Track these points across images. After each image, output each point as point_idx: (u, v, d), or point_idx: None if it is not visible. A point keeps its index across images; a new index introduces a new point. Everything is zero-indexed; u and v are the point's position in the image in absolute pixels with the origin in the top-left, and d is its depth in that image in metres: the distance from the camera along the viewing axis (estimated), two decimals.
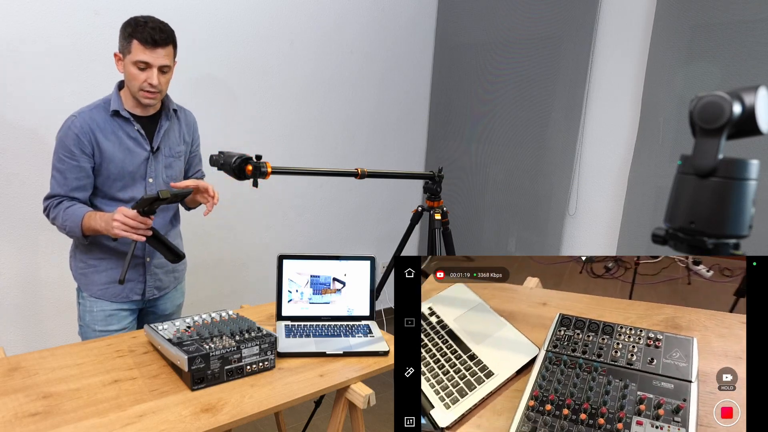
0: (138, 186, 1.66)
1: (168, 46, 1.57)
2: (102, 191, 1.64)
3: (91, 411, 1.18)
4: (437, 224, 1.99)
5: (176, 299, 1.89)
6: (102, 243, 1.67)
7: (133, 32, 1.54)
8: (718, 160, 0.61)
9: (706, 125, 0.62)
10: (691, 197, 0.64)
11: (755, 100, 0.60)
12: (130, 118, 1.62)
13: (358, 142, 3.33)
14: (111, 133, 1.60)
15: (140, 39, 1.52)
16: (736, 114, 0.60)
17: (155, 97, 1.59)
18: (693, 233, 0.63)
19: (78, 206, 1.58)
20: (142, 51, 1.53)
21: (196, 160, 1.89)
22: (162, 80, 1.58)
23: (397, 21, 3.33)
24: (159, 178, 1.70)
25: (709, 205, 0.62)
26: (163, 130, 1.68)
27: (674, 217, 0.65)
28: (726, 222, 0.62)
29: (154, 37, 1.52)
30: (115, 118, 1.61)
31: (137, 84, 1.56)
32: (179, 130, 1.76)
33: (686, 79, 2.39)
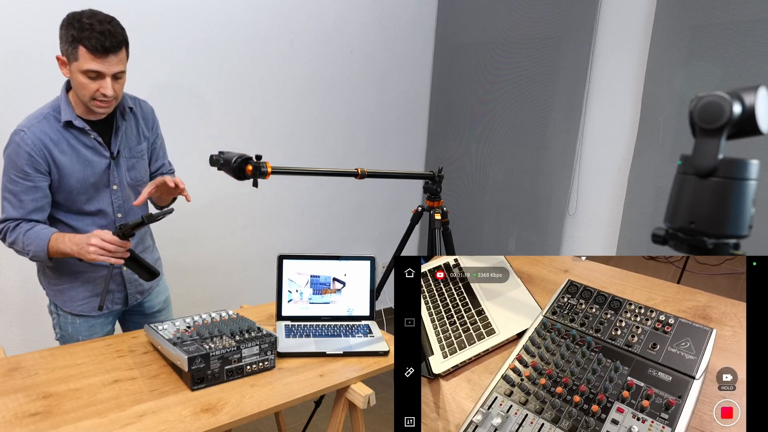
0: (103, 195, 1.56)
1: (120, 50, 1.40)
2: (66, 206, 1.53)
3: (91, 411, 1.18)
4: (437, 224, 1.99)
5: (161, 294, 1.83)
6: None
7: (78, 37, 1.35)
8: (718, 160, 0.61)
9: (706, 125, 0.62)
10: (691, 197, 0.64)
11: (755, 100, 0.60)
12: (85, 127, 1.48)
13: (358, 142, 3.33)
14: (66, 146, 1.47)
15: (88, 46, 1.35)
16: (736, 114, 0.60)
17: (110, 105, 1.46)
18: (693, 233, 0.63)
19: (40, 228, 1.46)
20: (91, 59, 1.36)
21: (160, 152, 1.75)
22: (116, 87, 1.43)
23: (397, 21, 3.33)
24: (123, 183, 1.59)
25: (709, 205, 0.62)
26: (120, 133, 1.56)
27: (674, 217, 0.65)
28: (726, 222, 0.62)
29: (104, 44, 1.34)
30: (69, 129, 1.47)
31: (88, 93, 1.41)
32: (137, 127, 1.62)
33: (686, 79, 2.39)
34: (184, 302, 2.70)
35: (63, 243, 1.43)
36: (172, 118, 2.50)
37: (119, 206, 1.60)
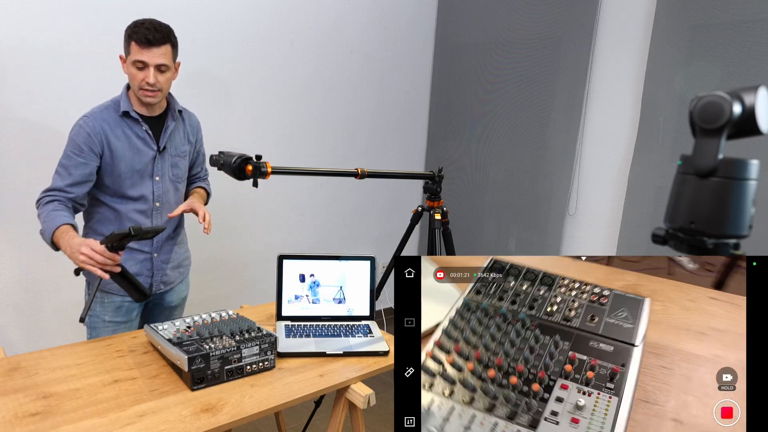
0: (146, 184, 1.70)
1: (164, 45, 1.59)
2: (112, 189, 1.67)
3: (91, 411, 1.18)
4: (437, 224, 1.99)
5: (182, 292, 1.94)
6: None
7: (131, 34, 1.58)
8: (718, 160, 0.61)
9: (706, 125, 0.62)
10: (691, 197, 0.64)
11: (755, 100, 0.60)
12: (138, 118, 1.66)
13: (358, 142, 3.33)
14: (121, 133, 1.65)
15: (136, 39, 1.56)
16: (736, 114, 0.60)
17: (155, 96, 1.62)
18: (693, 233, 0.63)
19: (62, 214, 1.56)
20: (138, 51, 1.57)
21: (200, 158, 1.95)
22: (160, 79, 1.60)
23: (397, 21, 3.33)
24: (165, 176, 1.74)
25: (709, 205, 0.62)
26: (169, 131, 1.72)
27: (674, 217, 0.65)
28: (726, 222, 0.62)
29: (148, 36, 1.56)
30: (125, 119, 1.65)
31: (136, 83, 1.60)
32: (184, 131, 1.80)
33: (686, 79, 2.39)
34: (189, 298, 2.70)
35: (63, 239, 1.50)
36: None
37: (159, 196, 1.73)
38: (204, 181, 2.00)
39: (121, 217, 1.69)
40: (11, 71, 2.11)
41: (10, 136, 2.15)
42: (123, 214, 1.69)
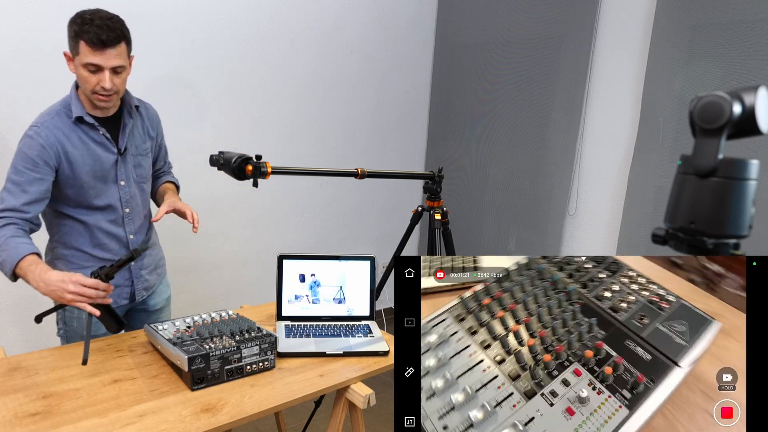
0: (111, 190, 1.59)
1: (119, 44, 1.43)
2: (76, 200, 1.55)
3: (91, 411, 1.18)
4: (437, 224, 1.99)
5: (163, 293, 1.85)
6: (83, 251, 1.60)
7: (79, 31, 1.40)
8: (718, 160, 0.61)
9: (706, 125, 0.62)
10: (691, 197, 0.64)
11: (755, 100, 0.60)
12: (94, 123, 1.53)
13: (358, 142, 3.33)
14: (77, 140, 1.51)
15: (87, 40, 1.39)
16: (736, 114, 0.60)
17: (110, 100, 1.50)
18: (693, 233, 0.63)
19: (23, 241, 1.40)
20: (90, 53, 1.40)
21: (162, 152, 1.83)
22: (116, 81, 1.46)
23: (397, 21, 3.33)
24: (130, 179, 1.63)
25: (709, 205, 0.62)
26: (127, 130, 1.60)
27: (674, 217, 0.65)
28: (726, 222, 0.62)
29: (101, 37, 1.38)
30: (80, 125, 1.52)
31: (89, 87, 1.46)
32: (143, 126, 1.67)
33: (686, 79, 2.39)
34: (185, 302, 2.70)
35: (32, 273, 1.35)
36: (173, 117, 2.49)
37: (127, 201, 1.63)
38: (169, 175, 1.89)
39: (92, 229, 1.58)
40: (13, 74, 2.11)
41: (10, 137, 2.14)
42: (93, 226, 1.58)
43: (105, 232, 1.60)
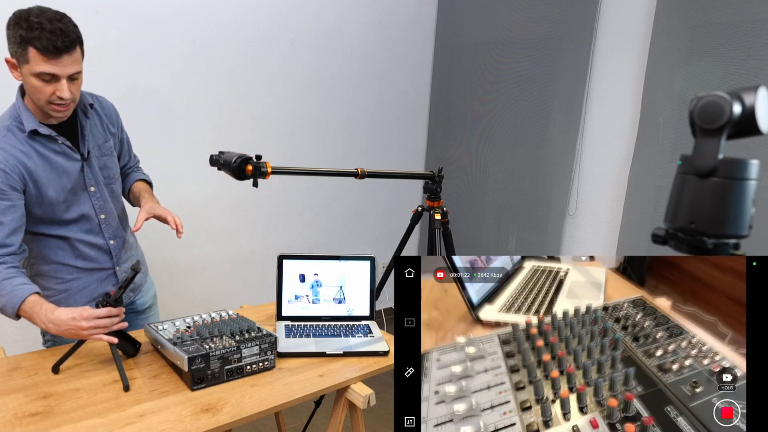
0: (82, 199, 1.50)
1: (74, 49, 1.30)
2: (48, 219, 1.46)
3: (91, 411, 1.18)
4: (437, 224, 1.99)
5: (149, 290, 1.80)
6: (65, 264, 1.52)
7: (27, 37, 1.25)
8: (718, 160, 0.61)
9: (706, 125, 0.62)
10: (691, 197, 0.64)
11: (755, 100, 0.60)
12: (51, 133, 1.40)
13: (358, 142, 3.33)
14: (37, 157, 1.39)
15: (39, 47, 1.25)
16: (736, 114, 0.60)
17: (68, 109, 1.37)
18: (693, 233, 0.63)
19: (20, 281, 1.33)
20: (44, 61, 1.26)
21: (126, 147, 1.69)
22: (73, 89, 1.34)
23: (397, 21, 3.33)
24: (100, 183, 1.53)
25: (709, 205, 0.62)
26: (86, 132, 1.48)
27: (674, 217, 0.65)
28: (726, 222, 0.62)
29: (55, 44, 1.25)
30: (35, 138, 1.39)
31: (44, 97, 1.32)
32: (102, 124, 1.55)
33: (686, 79, 2.39)
34: (184, 302, 2.70)
35: (37, 315, 1.30)
36: (173, 118, 2.50)
37: (100, 207, 1.55)
38: (139, 171, 1.77)
39: (71, 241, 1.50)
40: None
41: None
42: (72, 239, 1.50)
43: (84, 243, 1.53)
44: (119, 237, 1.63)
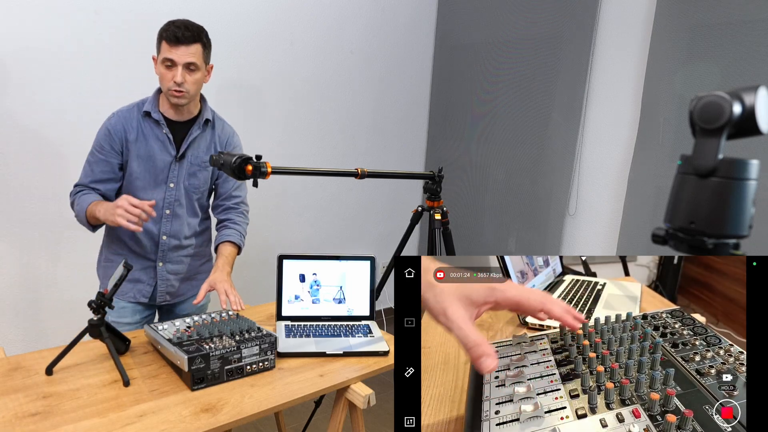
0: (159, 189, 1.68)
1: (193, 44, 1.57)
2: (125, 189, 1.67)
3: (91, 411, 1.18)
4: (437, 224, 1.99)
5: (200, 304, 1.71)
6: (120, 239, 1.71)
7: (162, 32, 1.58)
8: (718, 160, 0.61)
9: (706, 125, 0.61)
10: (691, 197, 0.63)
11: (755, 100, 0.60)
12: (160, 120, 1.64)
13: (358, 142, 3.33)
14: (140, 133, 1.64)
15: (166, 38, 1.56)
16: (736, 114, 0.60)
17: (182, 96, 1.60)
18: (693, 233, 0.63)
19: (89, 194, 1.62)
20: (167, 49, 1.56)
21: (228, 178, 1.77)
22: (188, 79, 1.58)
23: (397, 21, 3.33)
24: (181, 185, 1.70)
25: (709, 205, 0.62)
26: (191, 138, 1.69)
27: (674, 217, 0.65)
28: (726, 222, 0.62)
29: (177, 34, 1.54)
30: (146, 119, 1.65)
31: (166, 84, 1.59)
32: (211, 140, 1.75)
33: (686, 79, 2.39)
34: None
35: (98, 210, 1.55)
36: None
37: (170, 203, 1.70)
38: (235, 227, 1.80)
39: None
40: (13, 74, 2.11)
41: (7, 136, 2.15)
42: None
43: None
44: (176, 238, 1.74)
